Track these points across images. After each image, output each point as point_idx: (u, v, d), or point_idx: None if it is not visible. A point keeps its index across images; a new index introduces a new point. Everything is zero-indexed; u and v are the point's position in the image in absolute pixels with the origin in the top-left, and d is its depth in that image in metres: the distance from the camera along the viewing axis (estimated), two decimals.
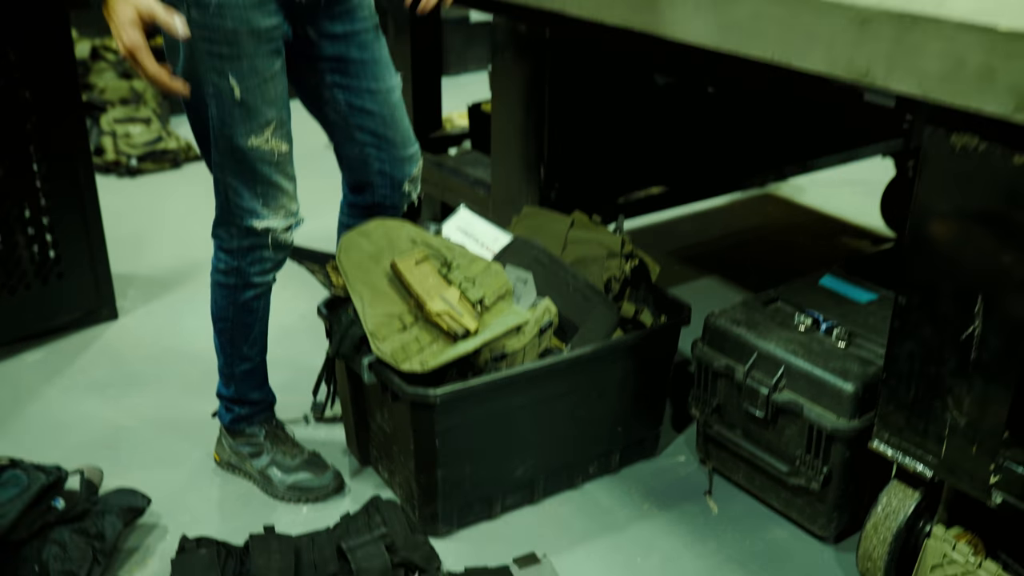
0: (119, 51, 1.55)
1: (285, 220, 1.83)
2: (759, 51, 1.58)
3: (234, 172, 1.77)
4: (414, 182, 2.01)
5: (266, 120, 1.73)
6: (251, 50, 1.67)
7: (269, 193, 1.79)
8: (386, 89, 1.90)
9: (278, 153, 1.77)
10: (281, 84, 1.75)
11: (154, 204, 3.56)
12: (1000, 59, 1.26)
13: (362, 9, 1.83)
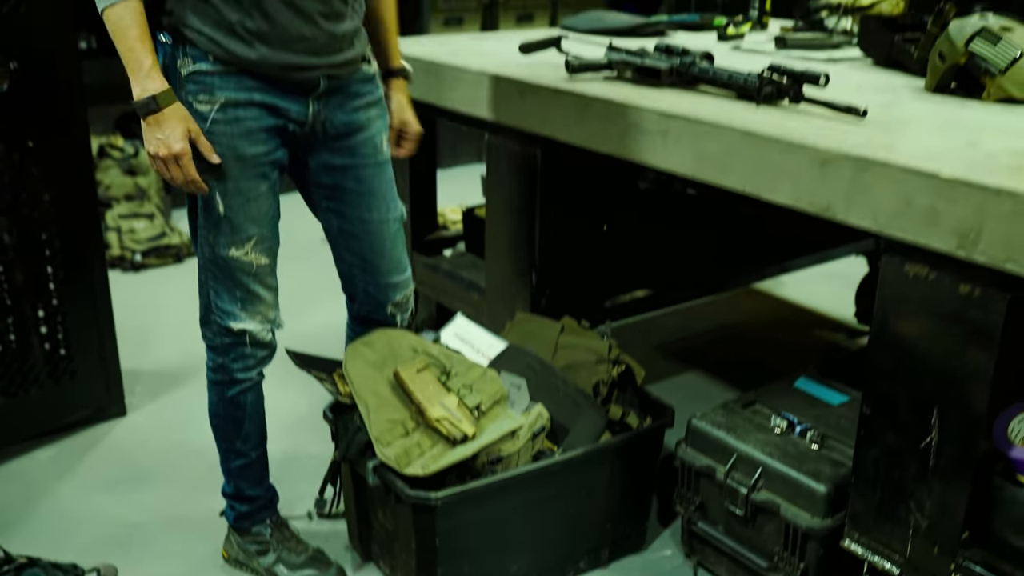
0: (155, 154, 1.71)
1: (262, 325, 1.94)
2: (732, 183, 1.75)
3: (215, 277, 1.90)
4: (398, 306, 2.11)
5: (247, 236, 1.86)
6: (236, 173, 1.80)
7: (247, 299, 1.91)
8: (379, 220, 2.00)
9: (257, 265, 1.89)
10: (266, 204, 1.87)
11: (158, 299, 3.69)
12: (943, 202, 1.42)
13: (366, 146, 1.94)
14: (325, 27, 1.78)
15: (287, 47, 1.76)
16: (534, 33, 3.00)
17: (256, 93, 1.77)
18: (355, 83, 1.91)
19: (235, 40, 1.73)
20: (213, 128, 1.76)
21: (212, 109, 1.75)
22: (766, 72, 1.89)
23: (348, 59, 1.86)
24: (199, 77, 1.74)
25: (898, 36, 2.37)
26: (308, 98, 1.83)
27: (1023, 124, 1.78)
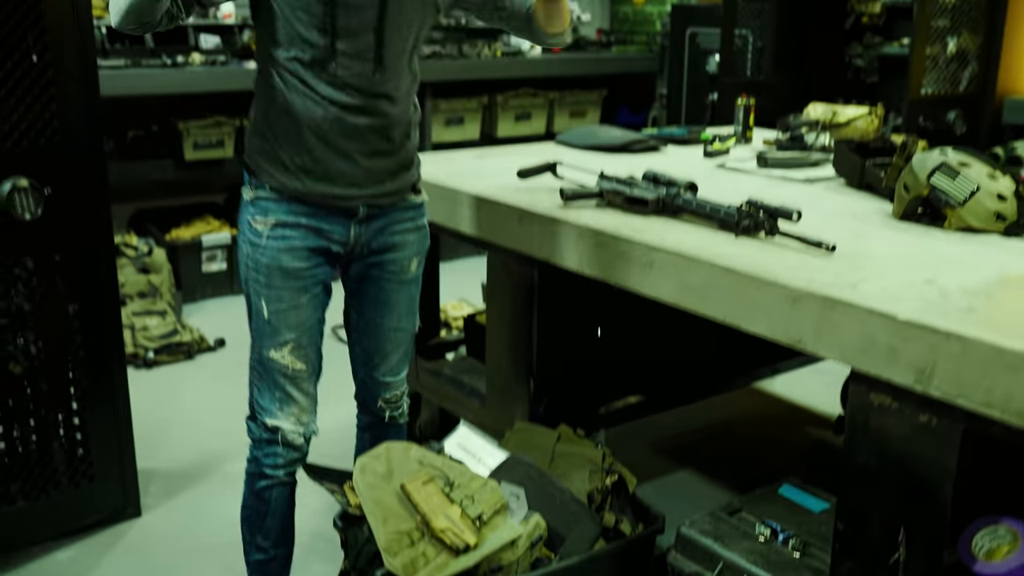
0: None
1: (295, 426, 2.14)
2: (712, 312, 1.90)
3: (259, 375, 2.14)
4: (388, 403, 2.34)
5: (285, 340, 2.09)
6: (280, 283, 2.06)
7: (284, 400, 2.13)
8: (388, 327, 2.25)
9: (293, 369, 2.11)
10: (305, 314, 2.10)
11: (170, 396, 3.83)
12: (900, 341, 1.57)
13: (394, 264, 2.19)
14: (364, 164, 2.05)
15: (329, 180, 2.04)
16: (531, 155, 3.18)
17: (303, 217, 2.05)
18: (398, 211, 2.17)
19: (286, 173, 2.03)
20: (266, 243, 2.05)
21: (266, 228, 2.05)
22: (744, 206, 2.06)
23: (389, 191, 2.12)
24: (259, 201, 2.06)
25: (868, 161, 2.55)
26: (350, 222, 2.10)
27: (978, 256, 1.95)
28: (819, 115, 3.27)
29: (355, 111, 2.01)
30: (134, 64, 4.69)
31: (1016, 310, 1.62)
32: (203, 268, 4.98)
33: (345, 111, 2.00)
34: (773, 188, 2.62)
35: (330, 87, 1.98)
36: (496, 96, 5.85)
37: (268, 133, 2.04)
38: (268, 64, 2.02)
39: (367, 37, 1.98)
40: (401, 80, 2.07)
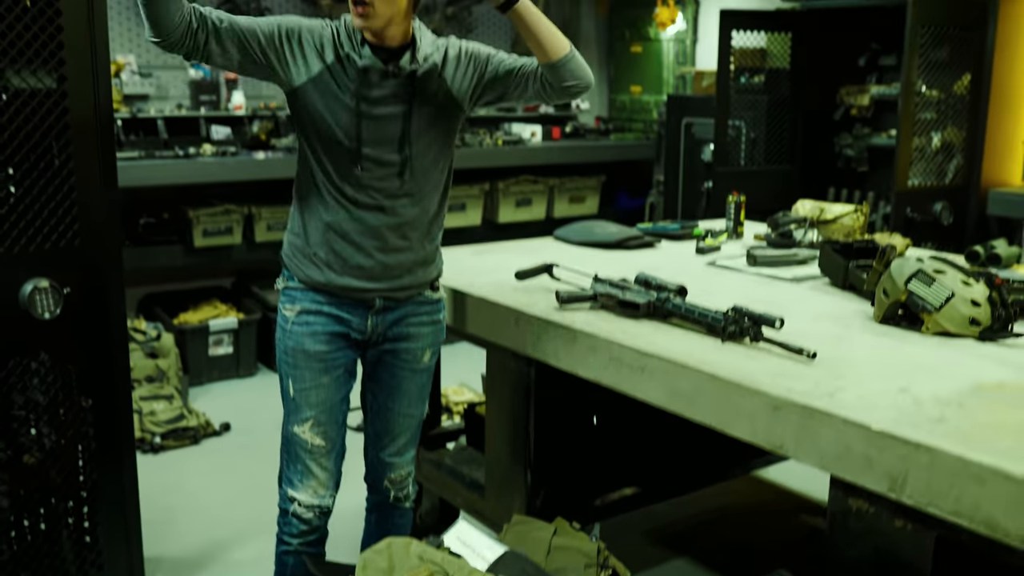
0: None
1: (312, 499, 2.35)
2: (699, 416, 2.00)
3: (284, 447, 2.37)
4: (393, 483, 2.51)
5: (306, 417, 2.31)
6: (304, 364, 2.29)
7: (303, 473, 2.34)
8: (398, 411, 2.44)
9: (313, 444, 2.32)
10: (326, 394, 2.31)
11: (176, 482, 3.89)
12: (874, 451, 1.66)
13: (408, 352, 2.38)
14: (380, 259, 2.25)
15: (348, 273, 2.24)
16: (528, 251, 3.30)
17: (325, 306, 2.27)
18: (414, 304, 2.36)
19: (312, 266, 2.26)
20: (291, 328, 2.28)
21: (292, 315, 2.29)
22: (730, 312, 2.16)
23: (404, 285, 2.31)
24: (288, 291, 2.31)
25: (852, 263, 2.66)
26: (368, 313, 2.30)
27: (952, 362, 2.04)
28: (807, 212, 3.39)
29: (374, 210, 2.22)
30: (148, 156, 4.86)
31: (985, 421, 1.71)
32: (210, 352, 5.08)
33: (365, 211, 2.22)
34: (761, 287, 2.74)
35: (353, 189, 2.20)
36: (497, 183, 6.01)
37: (299, 229, 2.28)
38: (303, 161, 2.26)
39: (392, 147, 2.20)
40: (426, 182, 2.26)
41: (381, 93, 2.17)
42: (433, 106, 2.23)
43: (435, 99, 2.23)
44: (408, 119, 2.19)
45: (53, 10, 2.40)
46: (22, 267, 2.46)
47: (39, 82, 2.44)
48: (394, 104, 2.18)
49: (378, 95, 2.17)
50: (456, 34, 6.37)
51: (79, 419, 2.76)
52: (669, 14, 6.25)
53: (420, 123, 2.21)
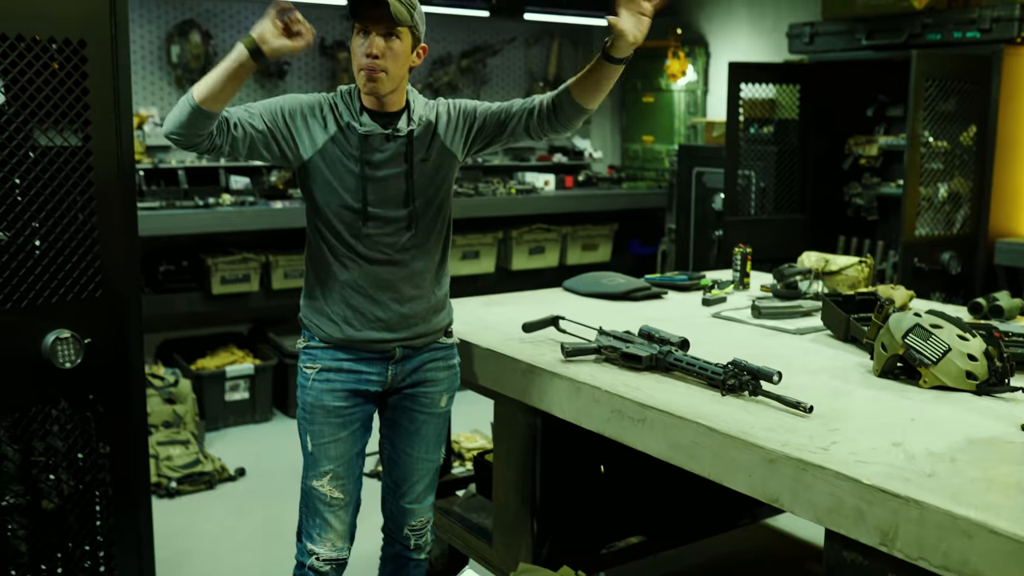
0: (265, 34, 2.05)
1: (330, 552, 2.44)
2: (699, 469, 2.04)
3: (303, 500, 2.46)
4: (414, 531, 2.58)
5: (325, 471, 2.40)
6: (322, 419, 2.40)
7: (322, 525, 2.41)
8: (417, 457, 2.54)
9: (331, 497, 2.41)
10: (343, 448, 2.40)
11: (190, 527, 3.95)
12: (865, 504, 1.71)
13: (426, 397, 2.49)
14: (396, 309, 2.37)
15: (368, 327, 2.36)
16: (537, 302, 3.36)
17: (346, 362, 2.38)
18: (430, 351, 2.48)
19: (331, 325, 2.37)
20: (311, 386, 2.39)
21: (313, 372, 2.39)
22: (729, 366, 2.21)
23: (421, 333, 2.43)
24: (308, 350, 2.41)
25: (852, 316, 2.71)
26: (387, 364, 2.40)
27: (947, 417, 2.08)
28: (812, 263, 3.45)
29: (387, 264, 2.34)
30: (169, 205, 4.98)
31: (975, 475, 1.75)
32: (226, 397, 5.16)
33: (378, 266, 2.34)
34: (765, 339, 2.79)
35: (365, 247, 2.32)
36: (511, 231, 6.10)
37: (315, 290, 2.40)
38: (313, 228, 2.37)
39: (397, 204, 2.33)
40: (430, 234, 2.40)
41: (383, 156, 2.31)
42: (431, 162, 2.37)
43: (432, 155, 2.37)
44: (410, 177, 2.33)
45: (80, 72, 2.50)
46: (45, 318, 2.53)
47: (65, 140, 2.54)
48: (396, 165, 2.32)
49: (380, 158, 2.31)
50: (471, 86, 6.52)
51: (97, 465, 2.83)
52: (680, 66, 6.37)
53: (421, 179, 2.35)
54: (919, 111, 4.31)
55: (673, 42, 6.45)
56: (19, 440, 2.60)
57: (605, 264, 6.30)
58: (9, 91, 2.41)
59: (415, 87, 2.42)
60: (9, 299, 2.44)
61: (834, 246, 5.43)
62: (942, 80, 4.38)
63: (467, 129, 2.42)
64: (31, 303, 2.48)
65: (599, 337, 2.54)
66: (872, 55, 4.96)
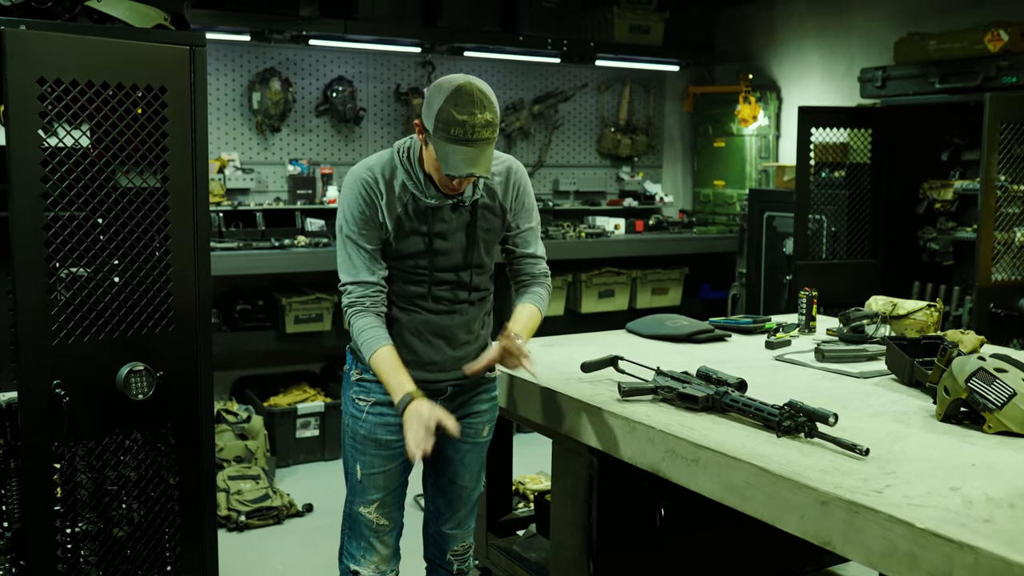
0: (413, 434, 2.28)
1: (374, 573, 2.53)
2: (751, 510, 2.03)
3: (348, 525, 2.56)
4: (456, 556, 2.68)
5: (373, 499, 2.49)
6: (373, 451, 2.49)
7: (367, 549, 2.50)
8: (460, 486, 2.63)
9: (378, 524, 2.50)
10: (392, 477, 2.50)
11: (258, 561, 4.02)
12: (919, 549, 1.68)
13: (471, 427, 2.59)
14: (450, 353, 2.50)
15: (422, 368, 2.47)
16: (598, 343, 3.38)
17: None
18: (475, 388, 2.60)
19: None
20: (365, 418, 2.49)
21: (367, 405, 2.49)
22: (786, 408, 2.20)
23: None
24: (363, 383, 2.51)
25: (916, 360, 2.66)
26: (437, 399, 2.46)
27: (1010, 463, 2.04)
28: (880, 307, 3.40)
29: (445, 315, 2.47)
30: (246, 246, 5.14)
31: None
32: (297, 434, 5.26)
33: (438, 316, 2.47)
34: (826, 382, 2.76)
35: (427, 300, 2.45)
36: (580, 275, 6.13)
37: None
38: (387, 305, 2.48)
39: (459, 268, 2.46)
40: (484, 286, 2.54)
41: (447, 227, 2.43)
42: (490, 226, 2.50)
43: (491, 221, 2.50)
44: (472, 244, 2.46)
45: (160, 117, 2.62)
46: (120, 351, 2.64)
47: (144, 181, 2.66)
48: (459, 234, 2.45)
49: (444, 228, 2.42)
50: (543, 131, 6.60)
51: (166, 496, 2.92)
52: (751, 111, 6.37)
53: (481, 244, 2.48)
54: (993, 154, 4.24)
55: (744, 87, 6.45)
56: (93, 468, 2.70)
57: (675, 308, 6.28)
58: (94, 134, 2.54)
59: None
60: (87, 332, 2.54)
61: (908, 291, 5.33)
62: (1017, 123, 4.31)
63: (512, 212, 2.56)
64: (108, 336, 2.59)
65: (656, 377, 2.54)
66: (946, 99, 4.89)
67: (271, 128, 5.81)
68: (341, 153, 6.07)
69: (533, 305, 2.60)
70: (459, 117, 2.21)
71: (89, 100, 2.46)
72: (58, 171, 2.43)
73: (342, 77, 5.97)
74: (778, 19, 6.58)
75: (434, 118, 2.24)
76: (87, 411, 2.58)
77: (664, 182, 7.36)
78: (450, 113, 2.21)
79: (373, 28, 5.60)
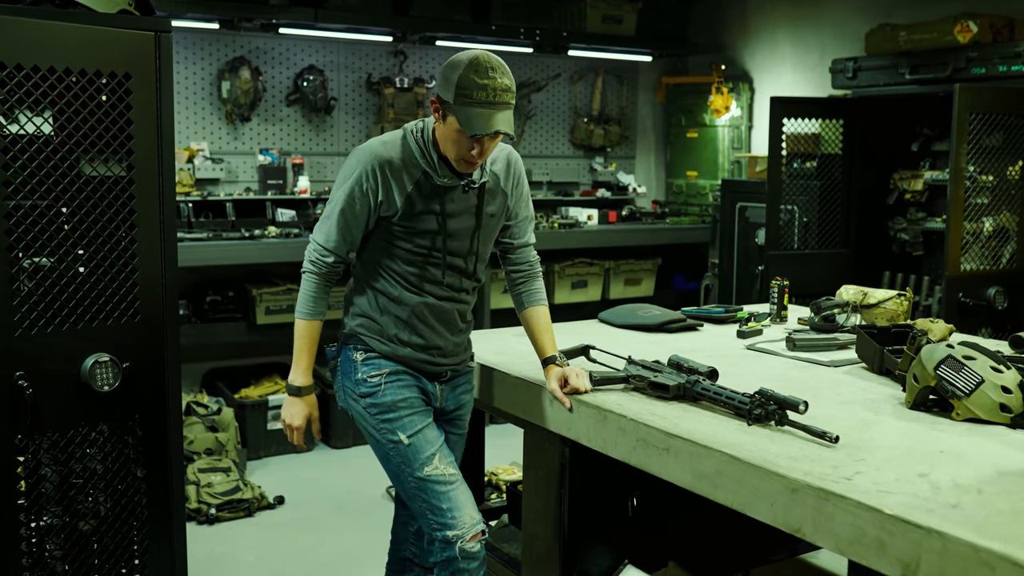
0: (285, 420, 2.63)
1: (471, 527, 2.43)
2: (722, 498, 2.03)
3: (421, 496, 2.45)
4: None
5: (431, 454, 2.46)
6: (407, 412, 2.48)
7: (453, 504, 2.44)
8: None
9: (448, 474, 2.46)
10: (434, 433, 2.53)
11: (229, 553, 3.99)
12: (887, 535, 1.68)
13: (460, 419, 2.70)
14: (451, 339, 2.56)
15: (426, 351, 2.53)
16: (572, 333, 3.37)
17: (407, 368, 2.52)
18: (461, 375, 2.67)
19: (393, 345, 2.50)
20: (386, 387, 2.48)
21: (382, 377, 2.49)
22: (756, 396, 2.20)
23: (462, 359, 2.65)
24: (370, 361, 2.50)
25: (886, 348, 2.68)
26: (436, 383, 2.57)
27: (978, 449, 2.05)
28: (850, 296, 3.41)
29: (448, 300, 2.50)
30: (216, 237, 5.09)
31: (1002, 507, 1.72)
32: (268, 426, 5.22)
33: (443, 302, 2.49)
34: (797, 371, 2.76)
35: (432, 286, 2.47)
36: (553, 265, 6.12)
37: (374, 316, 2.52)
38: (378, 263, 2.49)
39: (464, 252, 2.49)
40: (479, 279, 2.58)
41: (456, 208, 2.44)
42: (494, 211, 2.52)
43: (495, 207, 2.52)
44: (478, 229, 2.48)
45: (124, 104, 2.58)
46: (85, 342, 2.60)
47: (109, 170, 2.62)
48: (467, 216, 2.46)
49: (454, 209, 2.43)
50: (516, 120, 6.58)
51: (133, 488, 2.88)
52: (723, 101, 6.37)
53: (485, 230, 2.51)
54: (962, 145, 4.26)
55: (717, 78, 6.46)
56: (58, 461, 2.66)
57: (648, 298, 6.28)
58: (57, 121, 2.50)
59: None
60: (51, 322, 2.50)
61: (879, 281, 5.37)
62: (986, 113, 4.33)
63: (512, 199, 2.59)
64: (72, 326, 2.55)
65: (628, 366, 2.54)
66: (916, 89, 4.92)
67: (241, 117, 5.75)
68: (312, 143, 6.03)
69: (545, 307, 2.67)
70: (480, 81, 2.25)
71: (51, 86, 2.42)
72: (19, 159, 2.39)
73: (313, 66, 5.92)
74: (751, 10, 6.60)
75: (455, 87, 2.26)
76: (51, 403, 2.54)
77: (637, 173, 7.37)
78: (471, 79, 2.25)
79: (344, 17, 5.55)
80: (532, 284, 2.67)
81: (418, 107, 6.09)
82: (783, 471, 1.89)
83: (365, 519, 4.14)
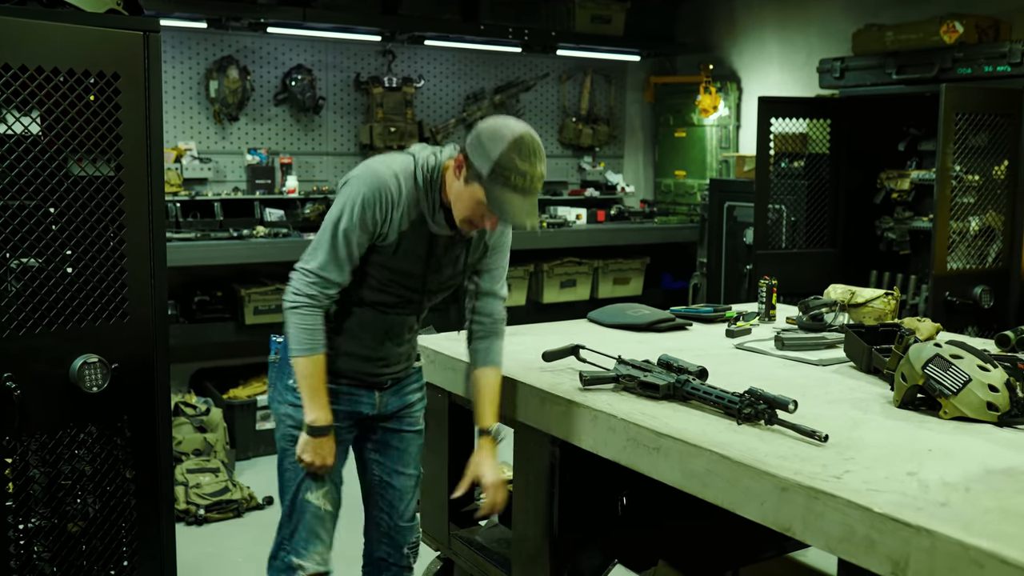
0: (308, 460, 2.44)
1: (318, 566, 2.49)
2: (711, 497, 2.04)
3: (291, 516, 2.51)
4: (412, 549, 2.71)
5: (322, 484, 2.47)
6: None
7: (309, 539, 2.49)
8: (408, 475, 2.67)
9: (323, 511, 2.50)
10: (337, 464, 2.48)
11: (217, 554, 3.98)
12: (877, 534, 1.69)
13: (410, 416, 2.65)
14: (395, 350, 2.53)
15: (370, 362, 2.49)
16: (561, 333, 3.37)
17: (343, 388, 2.48)
18: (406, 378, 2.63)
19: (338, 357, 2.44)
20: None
21: None
22: (746, 395, 2.21)
23: (405, 366, 2.61)
24: None
25: (874, 347, 2.69)
26: (375, 392, 2.54)
27: (966, 447, 2.06)
28: (838, 296, 3.43)
29: (402, 316, 2.49)
30: (204, 237, 5.08)
31: (990, 505, 1.73)
32: (257, 426, 5.21)
33: (394, 316, 2.48)
34: (786, 370, 2.77)
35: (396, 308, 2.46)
36: (542, 264, 6.13)
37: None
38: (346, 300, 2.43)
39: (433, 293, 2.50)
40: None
41: (445, 256, 2.43)
42: (471, 263, 2.52)
43: (474, 258, 2.51)
44: (456, 273, 2.48)
45: (113, 104, 2.57)
46: (74, 343, 2.59)
47: (97, 170, 2.61)
48: (450, 262, 2.45)
49: (439, 255, 2.41)
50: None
51: (122, 489, 2.87)
52: (711, 101, 6.39)
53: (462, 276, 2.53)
54: (949, 144, 4.29)
55: (705, 77, 6.48)
56: (46, 462, 2.65)
57: (637, 298, 6.29)
58: (45, 121, 2.49)
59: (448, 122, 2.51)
60: (39, 323, 2.49)
61: (866, 280, 5.39)
62: (972, 113, 4.36)
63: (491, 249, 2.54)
64: (60, 327, 2.54)
65: (618, 366, 2.54)
66: (903, 89, 4.95)
67: (229, 117, 5.73)
68: (300, 143, 6.02)
69: (498, 371, 2.59)
70: (521, 167, 2.17)
71: (39, 86, 2.41)
72: (7, 159, 2.38)
73: (301, 66, 5.91)
74: (738, 10, 6.62)
75: (493, 163, 2.17)
76: (40, 404, 2.53)
77: (625, 172, 7.38)
78: (512, 160, 2.16)
79: (332, 16, 5.54)
80: (491, 343, 2.56)
81: (406, 106, 6.09)
82: (773, 470, 1.90)
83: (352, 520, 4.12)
